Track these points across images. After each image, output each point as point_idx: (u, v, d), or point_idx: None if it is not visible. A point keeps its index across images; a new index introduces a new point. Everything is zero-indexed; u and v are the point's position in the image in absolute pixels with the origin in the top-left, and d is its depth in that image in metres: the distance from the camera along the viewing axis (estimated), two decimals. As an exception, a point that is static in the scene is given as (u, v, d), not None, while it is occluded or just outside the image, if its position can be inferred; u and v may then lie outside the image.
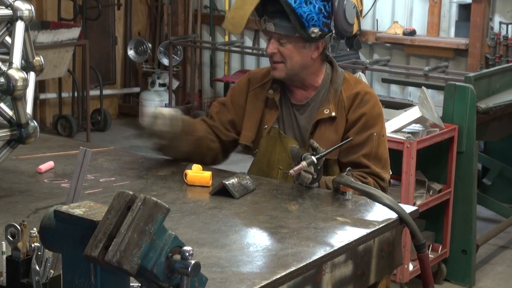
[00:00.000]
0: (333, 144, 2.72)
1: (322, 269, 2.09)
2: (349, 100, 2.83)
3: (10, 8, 2.46)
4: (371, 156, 2.79)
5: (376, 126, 2.83)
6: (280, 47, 2.80)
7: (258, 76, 2.98)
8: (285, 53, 2.80)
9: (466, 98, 4.36)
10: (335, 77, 2.88)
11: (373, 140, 2.80)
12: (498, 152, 5.69)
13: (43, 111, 7.72)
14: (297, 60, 2.81)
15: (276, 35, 2.79)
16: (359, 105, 2.82)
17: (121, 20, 8.25)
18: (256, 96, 2.95)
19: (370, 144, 2.80)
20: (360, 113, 2.81)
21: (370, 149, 2.79)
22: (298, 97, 2.91)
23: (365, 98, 2.83)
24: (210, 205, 2.48)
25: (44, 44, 6.48)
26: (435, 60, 6.69)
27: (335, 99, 2.84)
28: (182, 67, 8.08)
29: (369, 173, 2.77)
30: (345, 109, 2.83)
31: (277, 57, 2.81)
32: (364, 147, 2.79)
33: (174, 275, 1.48)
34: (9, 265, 1.74)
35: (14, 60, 2.40)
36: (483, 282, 4.58)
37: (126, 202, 1.48)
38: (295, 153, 2.58)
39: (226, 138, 2.99)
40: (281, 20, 2.75)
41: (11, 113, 2.48)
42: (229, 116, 2.98)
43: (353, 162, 2.78)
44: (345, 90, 2.85)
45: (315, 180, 2.60)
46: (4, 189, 2.57)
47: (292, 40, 2.78)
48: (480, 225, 4.98)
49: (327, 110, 2.82)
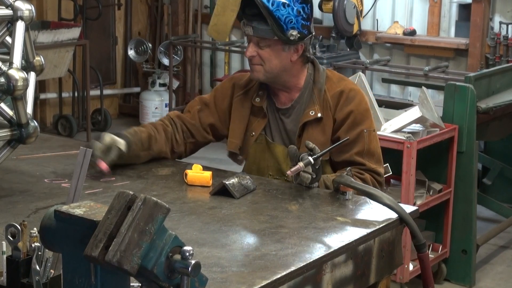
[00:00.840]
0: (321, 145, 2.71)
1: (322, 269, 2.09)
2: (334, 99, 2.83)
3: (10, 8, 2.46)
4: (364, 153, 2.80)
5: (365, 122, 2.83)
6: (259, 50, 2.80)
7: (242, 82, 2.98)
8: (264, 55, 2.80)
9: (466, 98, 4.36)
10: (317, 76, 2.87)
11: (364, 136, 2.81)
12: (498, 152, 5.69)
13: (44, 111, 7.72)
14: (276, 63, 2.81)
15: (255, 38, 2.79)
16: (345, 103, 2.82)
17: (121, 20, 8.25)
18: (242, 103, 2.94)
19: (361, 141, 2.80)
20: (347, 111, 2.81)
21: (362, 146, 2.80)
22: (283, 101, 2.91)
23: (350, 95, 2.83)
24: (210, 205, 2.48)
25: (45, 44, 6.48)
26: (435, 60, 6.69)
27: (320, 99, 2.83)
28: (182, 67, 8.08)
29: (365, 169, 2.78)
30: (331, 108, 2.83)
31: (256, 60, 2.82)
32: (356, 144, 2.79)
33: (174, 275, 1.48)
34: (9, 265, 1.74)
35: (15, 60, 2.40)
36: (483, 282, 4.58)
37: (127, 202, 1.49)
38: (293, 154, 2.58)
39: (202, 140, 3.00)
40: (259, 23, 2.75)
41: (12, 113, 2.48)
42: (211, 119, 2.97)
43: (346, 161, 2.79)
44: (329, 89, 2.85)
45: (314, 180, 2.60)
46: (4, 189, 2.58)
47: (271, 43, 2.78)
48: (480, 225, 4.98)
49: (313, 112, 2.82)
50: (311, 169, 2.56)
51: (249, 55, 2.82)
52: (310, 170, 2.56)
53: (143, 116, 7.87)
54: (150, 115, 7.82)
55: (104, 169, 2.67)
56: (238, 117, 2.94)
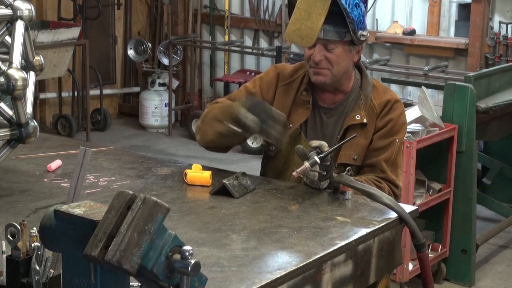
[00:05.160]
0: (363, 149, 2.73)
1: (322, 268, 2.09)
2: (381, 107, 2.82)
3: (10, 7, 2.46)
4: (389, 162, 2.78)
5: (400, 133, 2.83)
6: (327, 53, 2.75)
7: (287, 72, 2.92)
8: (333, 59, 2.75)
9: (465, 98, 4.37)
10: (365, 83, 2.86)
11: (394, 146, 2.80)
12: (498, 152, 5.69)
13: (43, 110, 7.72)
14: (343, 66, 2.78)
15: (322, 41, 2.73)
16: (388, 112, 2.81)
17: (121, 19, 8.25)
18: (285, 93, 2.88)
19: (391, 150, 2.79)
20: (388, 119, 2.81)
21: (390, 154, 2.79)
22: (327, 101, 2.87)
23: (395, 106, 2.83)
24: (210, 204, 2.48)
25: (44, 43, 6.48)
26: (435, 60, 6.69)
27: (366, 106, 2.82)
28: (182, 66, 8.08)
29: (384, 178, 2.76)
30: (376, 115, 2.81)
31: (324, 63, 2.76)
32: (386, 151, 2.79)
33: (174, 275, 1.48)
34: (9, 265, 1.74)
35: (14, 60, 2.40)
36: (483, 281, 4.59)
37: (126, 202, 1.49)
38: (301, 154, 2.55)
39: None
40: (333, 26, 2.71)
41: (11, 113, 2.48)
42: None
43: (372, 165, 2.78)
44: (375, 98, 2.83)
45: (324, 177, 2.55)
46: (4, 189, 2.57)
47: (340, 45, 2.74)
48: (480, 224, 4.99)
49: (359, 116, 2.80)
50: (318, 168, 2.53)
51: (318, 59, 2.75)
52: (318, 169, 2.53)
53: (143, 116, 7.88)
54: (150, 114, 7.83)
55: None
56: (280, 107, 2.84)
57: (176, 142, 7.55)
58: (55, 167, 2.80)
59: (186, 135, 7.69)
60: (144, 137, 7.72)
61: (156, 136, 7.75)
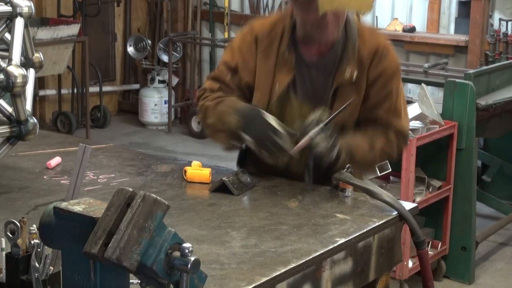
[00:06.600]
0: (357, 106, 2.64)
1: (321, 265, 2.09)
2: (370, 57, 2.67)
3: (9, 4, 2.46)
4: (391, 111, 2.70)
5: (395, 80, 2.73)
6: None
7: (265, 32, 2.74)
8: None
9: (465, 95, 4.36)
10: (349, 31, 2.68)
11: (392, 95, 2.71)
12: (498, 149, 5.69)
13: (43, 107, 7.72)
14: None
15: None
16: (379, 62, 2.68)
17: (120, 16, 8.24)
18: (266, 57, 2.71)
19: (390, 100, 2.70)
20: (380, 70, 2.68)
21: (390, 104, 2.70)
22: (313, 53, 2.71)
23: (384, 53, 2.69)
24: (209, 202, 2.48)
25: (44, 40, 6.47)
26: (435, 57, 6.69)
27: (354, 56, 2.66)
28: (181, 63, 8.07)
29: (391, 128, 2.70)
30: (366, 67, 2.67)
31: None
32: (385, 102, 2.69)
33: (173, 272, 1.48)
34: (8, 262, 1.74)
35: (14, 57, 2.40)
36: (483, 279, 4.59)
37: (126, 199, 1.49)
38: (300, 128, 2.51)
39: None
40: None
41: (11, 110, 2.48)
42: (247, 79, 2.74)
43: (374, 120, 2.70)
44: (362, 46, 2.67)
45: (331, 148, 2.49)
46: (3, 186, 2.57)
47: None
48: (480, 222, 4.98)
49: (348, 71, 2.65)
50: (319, 138, 2.47)
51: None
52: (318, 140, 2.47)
53: (142, 113, 7.87)
54: (150, 111, 7.83)
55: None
56: (263, 71, 2.72)
57: (175, 139, 7.54)
58: (54, 164, 2.80)
59: (185, 132, 7.69)
60: (143, 134, 7.71)
61: (155, 133, 7.74)
